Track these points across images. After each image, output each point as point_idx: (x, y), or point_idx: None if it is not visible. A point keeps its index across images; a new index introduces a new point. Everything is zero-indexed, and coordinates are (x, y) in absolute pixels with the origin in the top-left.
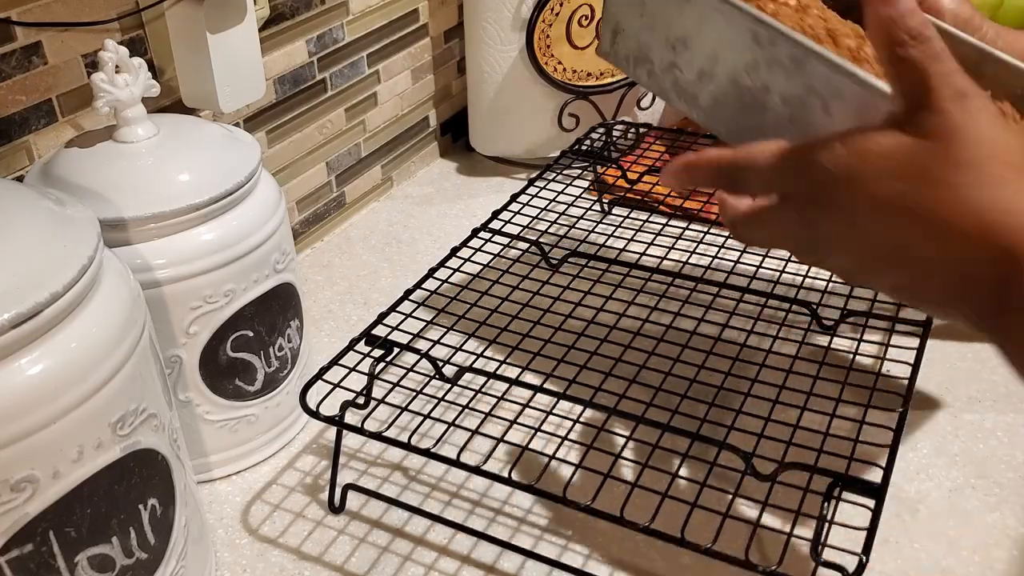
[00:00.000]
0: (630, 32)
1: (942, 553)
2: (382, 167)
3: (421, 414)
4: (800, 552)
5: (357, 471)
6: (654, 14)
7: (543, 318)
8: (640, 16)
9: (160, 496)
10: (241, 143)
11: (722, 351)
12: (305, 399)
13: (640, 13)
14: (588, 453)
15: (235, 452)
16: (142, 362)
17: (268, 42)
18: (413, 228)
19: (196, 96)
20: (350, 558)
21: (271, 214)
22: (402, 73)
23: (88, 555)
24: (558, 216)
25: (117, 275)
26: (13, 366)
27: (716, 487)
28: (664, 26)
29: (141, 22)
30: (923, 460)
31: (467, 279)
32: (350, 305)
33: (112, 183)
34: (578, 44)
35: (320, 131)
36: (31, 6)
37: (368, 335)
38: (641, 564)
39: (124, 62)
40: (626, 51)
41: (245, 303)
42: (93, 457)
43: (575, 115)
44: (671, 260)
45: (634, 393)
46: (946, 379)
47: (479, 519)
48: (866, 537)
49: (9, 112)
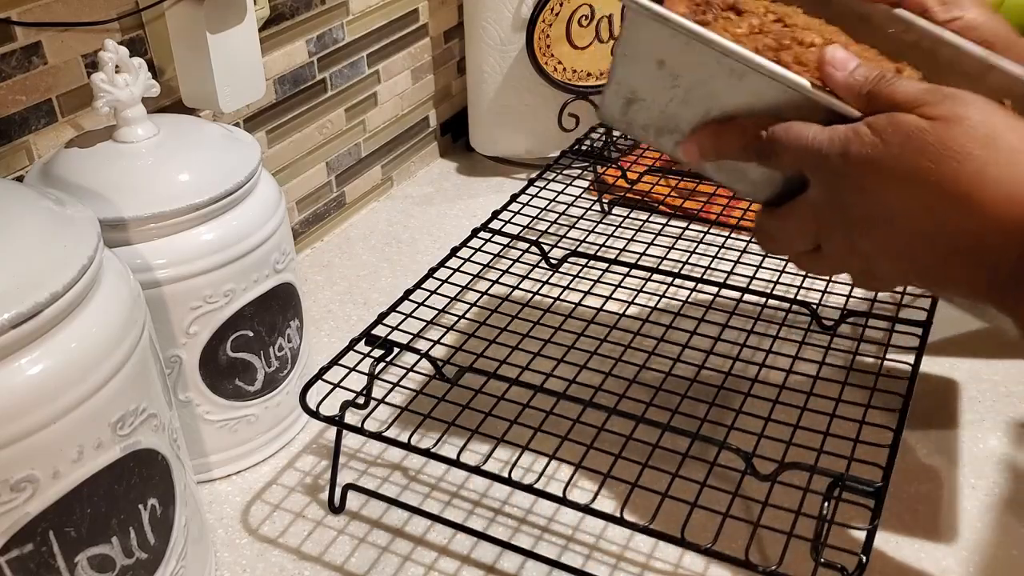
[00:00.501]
0: (652, 103)
1: (942, 553)
2: (382, 167)
3: (421, 414)
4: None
5: (357, 471)
6: (691, 88)
7: (543, 318)
8: (671, 88)
9: (160, 496)
10: (241, 143)
11: (722, 351)
12: (305, 399)
13: (671, 84)
14: (588, 453)
15: (235, 452)
16: (142, 362)
17: (268, 42)
18: (413, 228)
19: (196, 96)
20: (350, 558)
21: (271, 214)
22: (402, 73)
23: (88, 555)
24: (558, 216)
25: (117, 275)
26: (13, 366)
27: (716, 487)
28: (706, 99)
29: (141, 22)
30: (923, 460)
31: (467, 279)
32: (350, 305)
33: (112, 183)
34: (578, 44)
35: (320, 131)
36: (31, 6)
37: (368, 335)
38: (641, 564)
39: (124, 62)
40: (646, 120)
41: (245, 303)
42: (93, 457)
43: (575, 115)
44: (671, 260)
45: (634, 393)
46: (946, 379)
47: (479, 519)
48: (866, 537)
49: (9, 112)
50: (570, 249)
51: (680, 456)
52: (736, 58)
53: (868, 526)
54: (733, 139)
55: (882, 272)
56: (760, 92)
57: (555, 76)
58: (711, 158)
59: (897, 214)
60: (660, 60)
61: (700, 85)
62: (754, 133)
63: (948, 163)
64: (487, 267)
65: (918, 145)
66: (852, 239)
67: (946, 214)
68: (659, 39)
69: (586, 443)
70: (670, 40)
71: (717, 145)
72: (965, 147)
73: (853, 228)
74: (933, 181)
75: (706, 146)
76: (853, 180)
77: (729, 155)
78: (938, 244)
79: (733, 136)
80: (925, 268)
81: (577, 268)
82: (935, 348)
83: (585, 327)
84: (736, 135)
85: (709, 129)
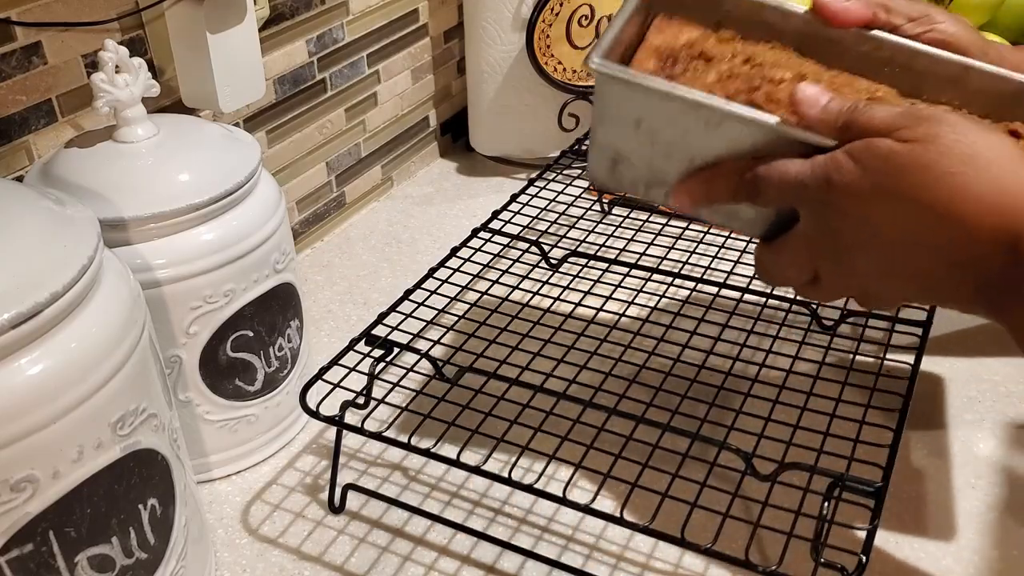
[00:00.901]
0: (637, 160)
1: (942, 553)
2: (382, 167)
3: (421, 414)
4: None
5: (357, 471)
6: (672, 142)
7: (543, 318)
8: (651, 144)
9: (160, 496)
10: (241, 143)
11: (722, 351)
12: (305, 399)
13: (651, 141)
14: (588, 453)
15: (235, 452)
16: (142, 362)
17: (268, 42)
18: (413, 228)
19: (196, 96)
20: (350, 558)
21: (271, 214)
22: (402, 73)
23: (88, 555)
24: (558, 216)
25: (117, 275)
26: (13, 366)
27: (716, 487)
28: (688, 150)
29: (141, 22)
30: (923, 460)
31: (467, 279)
32: (350, 305)
33: (112, 183)
34: (578, 44)
35: (320, 131)
36: (31, 6)
37: (368, 335)
38: (641, 564)
39: (124, 62)
40: (633, 177)
41: (245, 303)
42: (93, 457)
43: (575, 115)
44: (671, 260)
45: (634, 393)
46: (946, 379)
47: (479, 519)
48: (866, 537)
49: (9, 112)
50: (570, 249)
51: (680, 456)
52: (708, 109)
53: (868, 526)
54: (720, 185)
55: (880, 292)
56: (738, 136)
57: (555, 76)
58: (703, 204)
59: (883, 235)
60: (636, 120)
61: (680, 138)
62: (739, 176)
63: (928, 182)
64: (487, 267)
65: (896, 167)
66: (845, 264)
67: (931, 230)
68: (631, 101)
69: (586, 443)
70: (643, 100)
71: (706, 192)
72: (944, 166)
73: (845, 254)
74: (914, 199)
75: (696, 194)
76: (838, 207)
77: (719, 200)
78: (926, 260)
79: (719, 182)
80: (918, 284)
81: (577, 268)
82: (935, 348)
83: (585, 327)
84: (722, 180)
85: (696, 178)
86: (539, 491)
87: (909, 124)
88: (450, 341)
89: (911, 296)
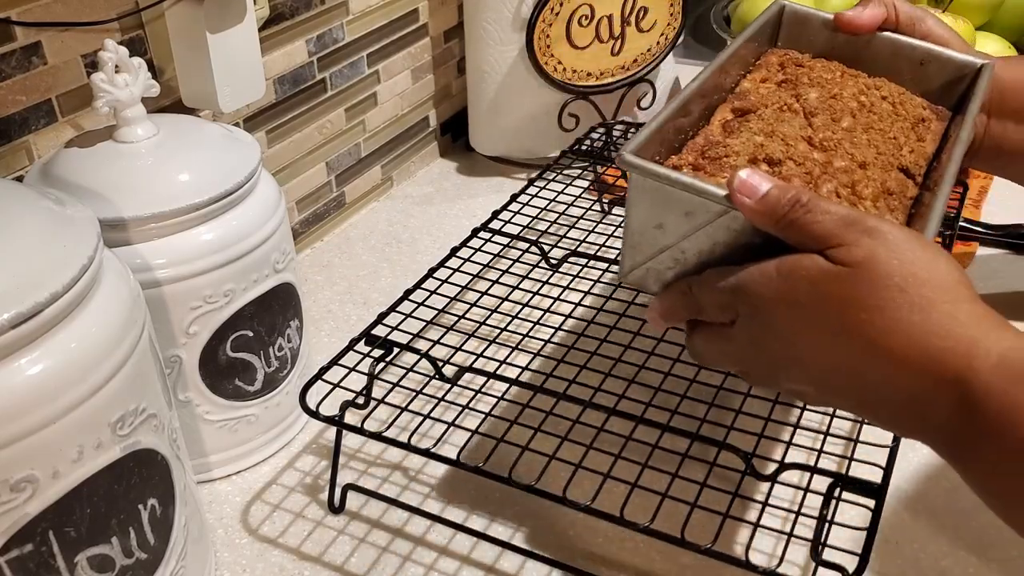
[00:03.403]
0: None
1: (942, 553)
2: (382, 167)
3: (421, 414)
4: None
5: (357, 471)
6: (686, 249)
7: (543, 318)
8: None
9: (160, 496)
10: (241, 143)
11: None
12: (305, 399)
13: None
14: (588, 453)
15: (235, 452)
16: (142, 362)
17: (268, 42)
18: (413, 228)
19: (196, 96)
20: (350, 558)
21: (271, 214)
22: (402, 73)
23: (88, 555)
24: (558, 216)
25: (117, 275)
26: (13, 366)
27: (716, 487)
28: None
29: (141, 22)
30: (923, 460)
31: (467, 279)
32: (350, 305)
33: (112, 183)
34: (578, 44)
35: (320, 131)
36: (31, 6)
37: (368, 335)
38: (641, 564)
39: (124, 62)
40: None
41: (245, 303)
42: (93, 457)
43: (575, 115)
44: None
45: (634, 393)
46: None
47: (479, 519)
48: (866, 537)
49: (9, 112)
50: (570, 249)
51: (680, 456)
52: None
53: (868, 526)
54: (677, 308)
55: (819, 402)
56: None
57: (555, 76)
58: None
59: (812, 359)
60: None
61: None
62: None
63: (857, 315)
64: (487, 267)
65: (822, 295)
66: (776, 375)
67: (862, 363)
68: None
69: (586, 443)
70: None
71: (663, 311)
72: (875, 298)
73: (773, 366)
74: (842, 331)
75: (653, 316)
76: (765, 323)
77: (677, 318)
78: (862, 392)
79: (668, 299)
80: (862, 411)
81: (577, 268)
82: None
83: (585, 327)
84: (670, 297)
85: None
86: (539, 491)
87: (850, 240)
88: (450, 341)
89: (856, 413)
